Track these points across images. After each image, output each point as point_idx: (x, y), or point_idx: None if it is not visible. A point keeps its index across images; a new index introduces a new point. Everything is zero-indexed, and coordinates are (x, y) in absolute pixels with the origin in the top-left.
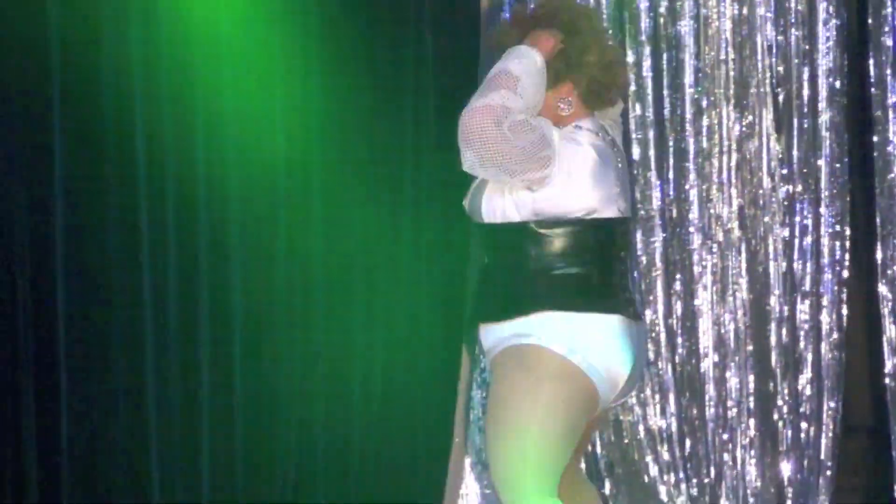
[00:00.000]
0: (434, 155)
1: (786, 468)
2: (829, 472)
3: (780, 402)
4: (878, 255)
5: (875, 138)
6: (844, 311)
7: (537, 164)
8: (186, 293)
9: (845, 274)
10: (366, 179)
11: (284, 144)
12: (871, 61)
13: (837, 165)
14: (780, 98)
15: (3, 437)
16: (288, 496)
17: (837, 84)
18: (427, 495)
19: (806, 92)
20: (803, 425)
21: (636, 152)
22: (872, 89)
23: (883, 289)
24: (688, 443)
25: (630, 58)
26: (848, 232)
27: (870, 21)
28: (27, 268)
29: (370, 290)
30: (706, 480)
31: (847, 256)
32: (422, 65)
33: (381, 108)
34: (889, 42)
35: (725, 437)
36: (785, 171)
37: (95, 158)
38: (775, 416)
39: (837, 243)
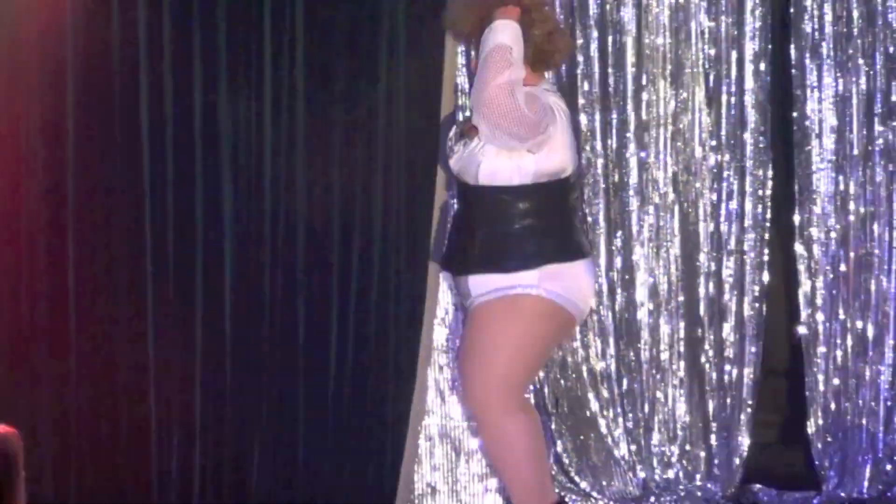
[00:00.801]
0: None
1: (711, 406)
2: (749, 410)
3: (706, 347)
4: (796, 218)
5: (794, 114)
6: (765, 267)
7: (541, 130)
8: (183, 281)
9: (766, 235)
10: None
11: (271, 137)
12: (792, 46)
13: (761, 138)
14: (711, 77)
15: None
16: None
17: (762, 66)
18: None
19: (734, 72)
20: (727, 368)
21: (584, 123)
22: (793, 71)
23: (799, 248)
24: (625, 382)
25: (579, 40)
26: (769, 197)
27: (791, 10)
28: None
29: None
30: (641, 415)
31: (768, 219)
32: (394, 50)
33: (356, 91)
34: (808, 29)
35: (658, 377)
36: (714, 143)
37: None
38: (702, 360)
39: (760, 207)
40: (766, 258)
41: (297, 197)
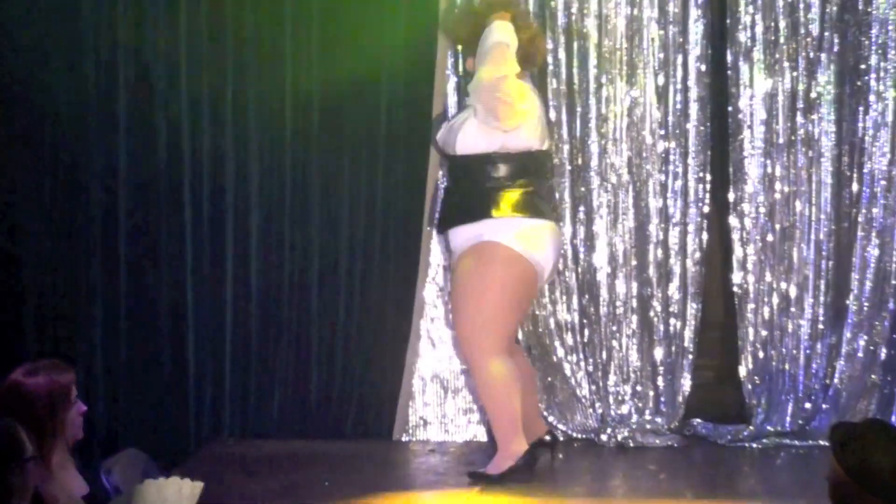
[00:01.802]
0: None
1: (659, 352)
2: (690, 356)
3: (655, 304)
4: (730, 196)
5: (730, 108)
6: (704, 236)
7: (523, 117)
8: (216, 246)
9: (706, 209)
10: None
11: (290, 127)
12: (729, 51)
13: (702, 128)
14: (660, 77)
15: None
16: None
17: (703, 68)
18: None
19: (679, 73)
20: (672, 321)
21: (553, 115)
22: (729, 72)
23: (733, 220)
24: (586, 332)
25: (549, 45)
26: (708, 178)
27: (728, 22)
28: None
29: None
30: (599, 360)
31: (707, 196)
32: (394, 56)
33: (362, 90)
34: (742, 37)
35: (614, 328)
36: (663, 132)
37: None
38: (651, 314)
39: (700, 186)
40: (705, 229)
41: (313, 177)
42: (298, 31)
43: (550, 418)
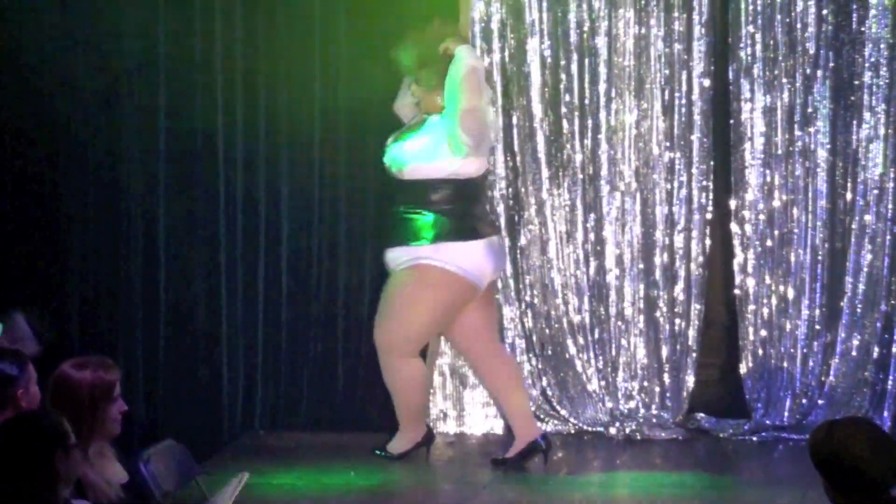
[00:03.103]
0: None
1: (664, 351)
2: (694, 354)
3: (661, 304)
4: (732, 203)
5: (731, 121)
6: (707, 241)
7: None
8: (249, 251)
9: (709, 216)
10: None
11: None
12: (730, 68)
13: (705, 140)
14: (666, 92)
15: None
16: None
17: (706, 83)
18: None
19: (684, 88)
20: (677, 321)
21: (565, 127)
22: (731, 87)
23: (735, 227)
24: (596, 331)
25: (562, 61)
26: (711, 186)
27: (729, 39)
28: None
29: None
30: (608, 358)
31: (710, 203)
32: None
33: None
34: (743, 54)
35: (623, 327)
36: (668, 143)
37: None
38: (657, 314)
39: (704, 194)
40: (708, 235)
41: (340, 181)
42: (326, 44)
43: (563, 412)
